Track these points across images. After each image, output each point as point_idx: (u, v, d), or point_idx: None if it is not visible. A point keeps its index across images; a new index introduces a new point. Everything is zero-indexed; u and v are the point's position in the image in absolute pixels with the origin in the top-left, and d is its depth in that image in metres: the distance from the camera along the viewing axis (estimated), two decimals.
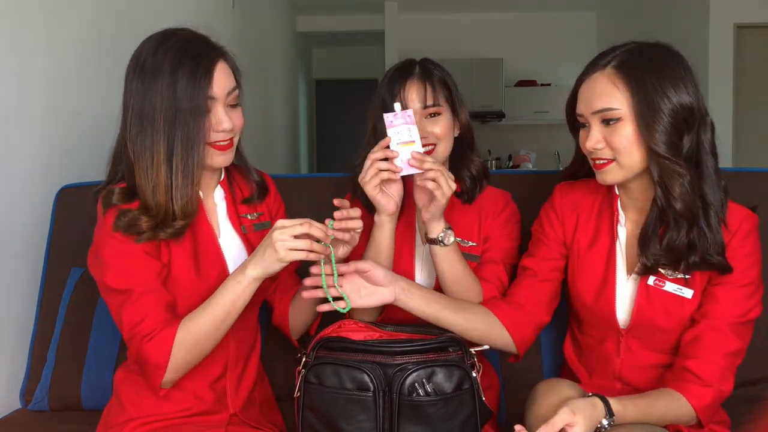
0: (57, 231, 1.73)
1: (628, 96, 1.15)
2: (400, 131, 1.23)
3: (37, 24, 1.73)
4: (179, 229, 1.18)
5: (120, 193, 1.19)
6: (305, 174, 5.48)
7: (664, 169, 1.15)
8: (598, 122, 1.19)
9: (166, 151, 1.15)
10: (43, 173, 1.76)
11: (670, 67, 1.17)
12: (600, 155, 1.20)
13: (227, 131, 1.20)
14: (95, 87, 2.04)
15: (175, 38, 1.19)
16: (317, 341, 1.22)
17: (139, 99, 1.16)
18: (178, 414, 1.23)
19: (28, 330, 1.70)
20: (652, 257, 1.19)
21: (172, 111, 1.14)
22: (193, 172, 1.17)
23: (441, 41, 7.18)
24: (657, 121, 1.14)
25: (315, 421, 1.18)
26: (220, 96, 1.19)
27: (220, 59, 1.20)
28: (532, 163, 6.94)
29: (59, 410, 1.58)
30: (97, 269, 1.20)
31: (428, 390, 1.14)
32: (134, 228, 1.16)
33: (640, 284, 1.24)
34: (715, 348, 1.18)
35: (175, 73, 1.14)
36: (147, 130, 1.15)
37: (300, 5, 6.83)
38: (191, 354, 1.15)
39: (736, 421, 1.30)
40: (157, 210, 1.16)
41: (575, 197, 1.36)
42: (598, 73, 1.20)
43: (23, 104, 1.68)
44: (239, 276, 1.16)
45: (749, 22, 4.78)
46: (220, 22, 3.70)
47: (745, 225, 1.20)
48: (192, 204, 1.19)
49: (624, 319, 1.26)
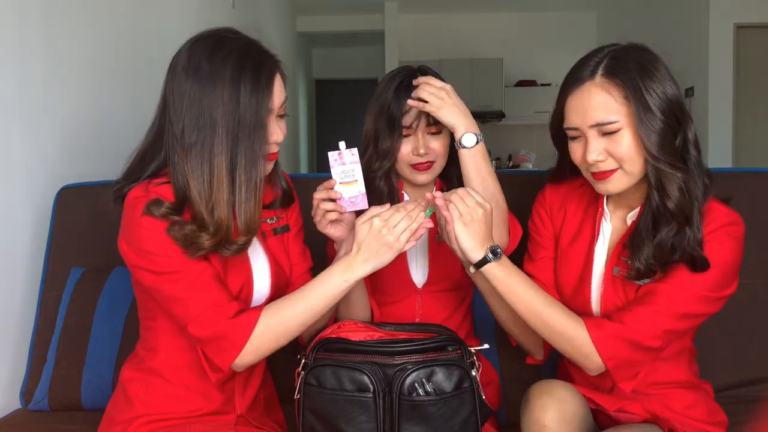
0: (57, 231, 1.73)
1: (625, 104, 1.13)
2: (345, 170, 1.23)
3: (37, 24, 1.73)
4: (242, 245, 1.15)
5: (168, 208, 1.11)
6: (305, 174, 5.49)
7: (662, 172, 1.14)
8: (597, 134, 1.16)
9: (228, 165, 1.10)
10: (43, 173, 1.76)
11: (652, 65, 1.15)
12: (602, 167, 1.18)
13: (278, 144, 1.19)
14: (96, 87, 2.04)
15: (231, 44, 1.14)
16: (316, 342, 1.22)
17: (195, 105, 1.10)
18: (187, 414, 1.23)
19: (28, 330, 1.70)
20: (644, 261, 1.17)
21: (234, 123, 1.10)
22: (256, 187, 1.13)
23: (441, 41, 7.20)
24: (653, 123, 1.12)
25: (316, 422, 1.18)
26: (276, 107, 1.16)
27: (277, 70, 1.17)
28: (532, 163, 6.95)
29: (59, 410, 1.58)
30: (137, 258, 1.14)
31: (428, 389, 1.15)
32: (194, 245, 1.11)
33: (605, 275, 1.24)
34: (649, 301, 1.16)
35: (236, 83, 1.10)
36: (205, 140, 1.10)
37: (300, 5, 6.84)
38: (273, 342, 1.15)
39: (735, 421, 1.30)
40: (218, 227, 1.11)
41: (564, 191, 1.36)
42: (588, 83, 1.16)
43: (23, 104, 1.68)
44: (346, 275, 1.15)
45: (749, 22, 4.78)
46: (220, 22, 3.69)
47: (723, 219, 1.18)
48: (255, 220, 1.14)
49: (597, 312, 1.26)
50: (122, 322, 1.60)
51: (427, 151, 1.37)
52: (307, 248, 1.39)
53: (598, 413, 1.26)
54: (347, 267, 1.16)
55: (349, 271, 1.16)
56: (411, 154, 1.38)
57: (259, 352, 1.15)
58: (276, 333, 1.15)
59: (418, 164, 1.39)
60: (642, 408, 1.22)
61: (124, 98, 2.25)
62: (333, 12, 7.07)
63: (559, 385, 1.18)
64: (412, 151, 1.38)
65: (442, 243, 1.41)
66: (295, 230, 1.37)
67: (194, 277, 1.12)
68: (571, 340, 1.17)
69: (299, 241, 1.37)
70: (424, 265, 1.45)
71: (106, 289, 1.63)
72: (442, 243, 1.42)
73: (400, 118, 1.37)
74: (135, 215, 1.12)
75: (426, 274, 1.44)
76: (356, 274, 1.15)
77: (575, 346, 1.17)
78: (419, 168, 1.39)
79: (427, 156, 1.38)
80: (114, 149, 1.26)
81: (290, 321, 1.15)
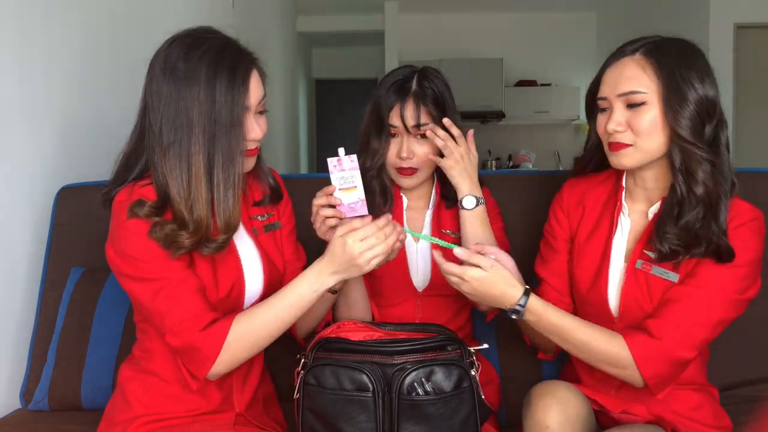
0: (57, 231, 1.73)
1: (656, 81, 1.17)
2: (344, 176, 1.23)
3: (36, 24, 1.73)
4: (222, 243, 1.16)
5: (151, 207, 1.13)
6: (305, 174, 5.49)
7: (688, 153, 1.16)
8: (622, 105, 1.19)
9: (206, 163, 1.12)
10: (43, 173, 1.76)
11: (697, 60, 1.20)
12: (619, 138, 1.20)
13: (257, 140, 1.20)
14: (95, 87, 2.04)
15: (207, 43, 1.15)
16: (316, 342, 1.22)
17: (172, 105, 1.11)
18: (186, 413, 1.23)
19: (28, 330, 1.70)
20: (667, 243, 1.18)
21: (210, 122, 1.11)
22: (235, 185, 1.14)
23: (441, 41, 7.19)
24: (683, 107, 1.15)
25: (315, 422, 1.18)
26: (253, 104, 1.17)
27: (253, 67, 1.18)
28: (532, 163, 6.95)
29: (59, 410, 1.58)
30: (121, 263, 1.15)
31: (427, 389, 1.15)
32: (174, 244, 1.12)
33: (628, 268, 1.24)
34: (682, 311, 1.16)
35: (212, 82, 1.11)
36: (183, 140, 1.11)
37: (300, 5, 6.83)
38: (246, 351, 1.15)
39: (735, 422, 1.29)
40: (197, 225, 1.12)
41: (583, 189, 1.36)
42: (627, 58, 1.21)
43: (23, 104, 1.68)
44: (316, 284, 1.16)
45: (749, 22, 4.78)
46: (220, 22, 3.68)
47: (747, 215, 1.20)
48: (235, 218, 1.15)
49: (614, 306, 1.26)
50: (122, 322, 1.60)
51: (409, 155, 1.38)
52: (301, 246, 1.39)
53: (600, 414, 1.26)
54: (317, 277, 1.16)
55: (318, 281, 1.16)
56: (395, 157, 1.39)
57: (233, 361, 1.15)
58: (248, 342, 1.15)
59: (401, 168, 1.39)
60: (647, 410, 1.22)
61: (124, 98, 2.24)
62: (333, 12, 7.07)
63: (562, 386, 1.18)
64: (397, 154, 1.38)
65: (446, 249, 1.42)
66: (288, 228, 1.38)
67: (173, 287, 1.13)
68: (615, 363, 1.18)
69: (292, 239, 1.38)
70: (425, 269, 1.44)
71: (106, 289, 1.63)
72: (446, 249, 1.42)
73: (387, 117, 1.37)
74: (121, 219, 1.14)
75: (428, 279, 1.44)
76: (325, 285, 1.17)
77: (618, 367, 1.18)
78: (402, 172, 1.40)
79: (410, 162, 1.38)
80: (114, 149, 1.26)
81: (261, 331, 1.16)
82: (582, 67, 7.02)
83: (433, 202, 1.49)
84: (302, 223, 1.38)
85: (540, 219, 1.44)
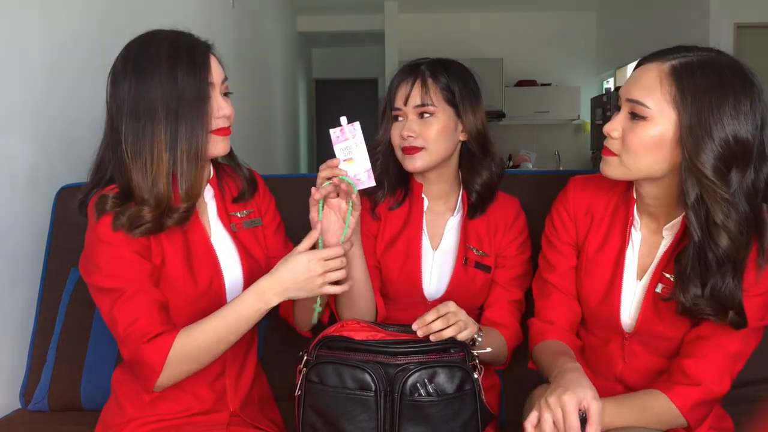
0: (57, 231, 1.72)
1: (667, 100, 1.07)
2: (347, 146, 1.20)
3: (37, 24, 1.73)
4: (185, 212, 1.18)
5: (114, 198, 1.16)
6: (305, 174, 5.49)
7: (706, 189, 1.05)
8: (627, 111, 1.12)
9: (170, 141, 1.14)
10: (43, 173, 1.76)
11: (735, 91, 1.05)
12: (609, 144, 1.15)
13: (227, 117, 1.22)
14: (95, 87, 2.03)
15: (161, 34, 1.19)
16: (319, 340, 1.22)
17: (134, 98, 1.14)
18: (179, 414, 1.23)
19: (28, 330, 1.70)
20: (692, 300, 1.11)
21: (174, 101, 1.14)
22: (197, 156, 1.16)
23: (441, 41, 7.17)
24: (705, 142, 1.04)
25: (316, 420, 1.18)
26: (217, 83, 1.20)
27: (210, 51, 1.22)
28: (532, 163, 6.95)
29: (59, 410, 1.58)
30: (89, 272, 1.18)
31: (430, 390, 1.14)
32: (138, 221, 1.14)
33: (648, 292, 1.21)
34: (715, 347, 1.15)
35: (173, 63, 1.14)
36: (147, 126, 1.14)
37: (300, 5, 6.84)
38: (188, 365, 1.14)
39: (735, 422, 1.29)
40: (158, 199, 1.14)
41: (591, 194, 1.30)
42: (655, 64, 1.10)
43: (23, 104, 1.68)
44: (258, 303, 1.14)
45: (749, 22, 4.78)
46: (220, 22, 3.70)
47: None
48: (197, 186, 1.18)
49: (629, 323, 1.24)
50: None
51: (412, 134, 1.35)
52: (290, 242, 1.39)
53: None
54: (259, 297, 1.14)
55: (262, 301, 1.15)
56: (399, 137, 1.38)
57: (178, 375, 1.15)
58: (191, 358, 1.14)
59: (405, 147, 1.37)
60: None
61: None
62: (333, 12, 7.07)
63: None
64: (401, 134, 1.37)
65: (469, 267, 1.41)
66: (275, 224, 1.39)
67: (128, 297, 1.13)
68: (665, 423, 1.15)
69: (280, 236, 1.39)
70: (440, 282, 1.43)
71: None
72: (468, 267, 1.41)
73: (393, 100, 1.38)
74: (92, 223, 1.17)
75: (442, 285, 1.43)
76: (270, 304, 1.15)
77: (665, 422, 1.15)
78: (406, 151, 1.37)
79: (413, 141, 1.35)
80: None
81: (203, 348, 1.14)
82: (582, 67, 7.03)
83: (459, 209, 1.46)
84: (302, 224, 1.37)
85: (540, 219, 1.42)
